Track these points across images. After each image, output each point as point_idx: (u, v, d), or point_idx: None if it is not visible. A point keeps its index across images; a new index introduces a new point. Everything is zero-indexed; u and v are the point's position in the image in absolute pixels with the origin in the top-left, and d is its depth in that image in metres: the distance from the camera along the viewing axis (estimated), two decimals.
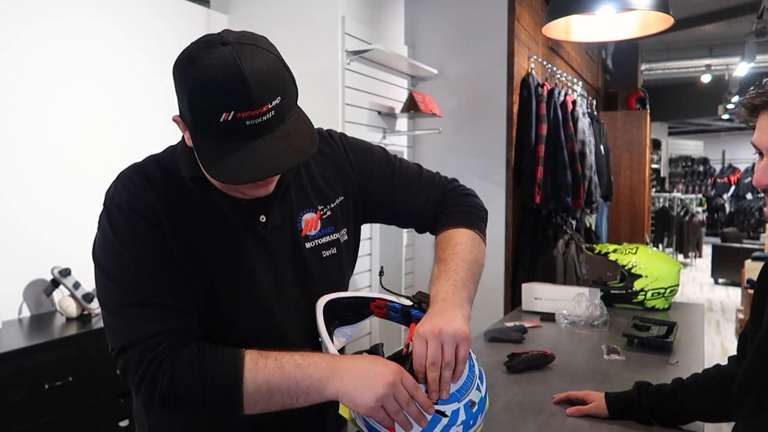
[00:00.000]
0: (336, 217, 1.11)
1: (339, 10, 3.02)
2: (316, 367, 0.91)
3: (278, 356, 0.91)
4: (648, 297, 2.48)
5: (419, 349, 0.92)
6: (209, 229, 0.98)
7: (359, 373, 0.89)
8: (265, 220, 1.02)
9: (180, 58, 0.89)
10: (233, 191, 0.98)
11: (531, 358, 1.76)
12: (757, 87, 1.00)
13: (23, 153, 2.37)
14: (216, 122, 0.85)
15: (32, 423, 1.94)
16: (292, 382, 0.89)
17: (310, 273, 1.07)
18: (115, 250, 0.95)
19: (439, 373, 0.91)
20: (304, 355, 0.92)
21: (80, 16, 2.57)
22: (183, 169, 0.98)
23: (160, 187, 0.97)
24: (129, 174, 0.99)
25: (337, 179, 1.13)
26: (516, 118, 3.62)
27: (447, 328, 0.92)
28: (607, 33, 2.51)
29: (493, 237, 3.62)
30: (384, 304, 1.10)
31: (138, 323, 0.91)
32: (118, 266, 0.94)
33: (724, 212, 15.11)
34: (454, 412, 0.92)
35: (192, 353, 0.91)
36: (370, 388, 0.87)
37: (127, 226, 0.94)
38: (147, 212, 0.95)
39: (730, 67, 8.88)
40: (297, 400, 0.90)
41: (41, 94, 2.43)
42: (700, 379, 1.34)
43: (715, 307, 7.36)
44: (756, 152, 1.02)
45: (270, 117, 0.86)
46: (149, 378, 0.89)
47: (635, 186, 5.87)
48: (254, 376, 0.89)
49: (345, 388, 0.89)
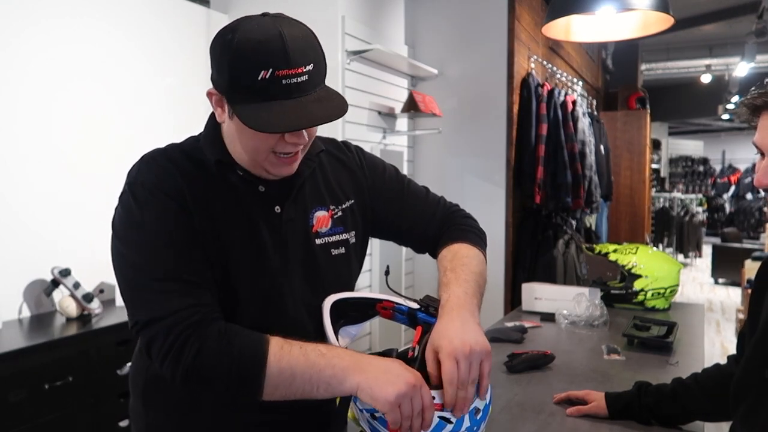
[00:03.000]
0: (346, 219, 1.14)
1: (339, 10, 3.02)
2: (340, 358, 0.91)
3: (303, 344, 0.92)
4: (648, 297, 2.48)
5: (450, 368, 0.89)
6: (229, 212, 1.01)
7: (383, 370, 0.90)
8: (279, 212, 1.05)
9: (220, 31, 0.94)
10: (258, 168, 1.01)
11: (531, 358, 1.76)
12: (758, 87, 1.00)
13: (23, 153, 2.37)
14: (255, 81, 0.90)
15: (32, 423, 1.93)
16: (315, 369, 0.89)
17: (319, 269, 1.09)
18: (141, 226, 0.96)
19: (466, 391, 0.90)
20: (328, 347, 0.94)
21: (80, 16, 2.57)
22: (208, 152, 1.02)
23: (184, 169, 1.00)
24: (154, 155, 1.02)
25: (349, 184, 1.18)
26: (516, 118, 3.62)
27: (476, 346, 0.91)
28: (607, 33, 2.51)
29: (493, 237, 3.62)
30: (391, 305, 1.10)
31: (166, 297, 0.92)
32: (143, 241, 0.95)
33: (724, 212, 15.11)
34: (458, 419, 0.91)
35: (220, 330, 0.91)
36: (393, 384, 0.87)
37: (153, 203, 0.96)
38: (172, 191, 0.97)
39: (730, 67, 8.88)
40: (318, 389, 0.90)
41: (41, 95, 2.43)
42: (700, 379, 1.34)
43: (715, 307, 7.36)
44: (757, 152, 1.02)
45: (305, 80, 0.92)
46: (176, 350, 0.89)
47: (635, 186, 5.87)
48: (278, 360, 0.89)
49: (367, 381, 0.89)
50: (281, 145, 0.98)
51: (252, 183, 1.04)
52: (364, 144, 3.29)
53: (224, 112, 0.99)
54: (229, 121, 0.99)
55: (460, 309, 0.99)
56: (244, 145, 0.99)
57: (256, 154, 0.99)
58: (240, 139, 0.98)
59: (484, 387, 0.93)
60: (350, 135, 3.11)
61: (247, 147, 0.99)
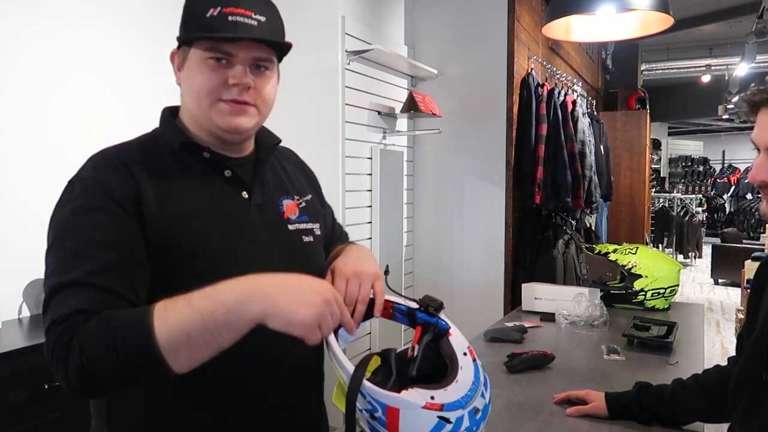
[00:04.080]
0: (309, 211, 1.14)
1: (339, 10, 3.01)
2: (230, 291, 0.82)
3: (189, 295, 0.82)
4: (648, 297, 2.48)
5: (340, 286, 1.00)
6: (197, 201, 0.98)
7: (289, 288, 0.83)
8: (247, 197, 1.03)
9: None
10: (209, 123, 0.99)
11: (531, 358, 1.76)
12: (758, 83, 1.00)
13: (23, 153, 2.37)
14: (204, 18, 0.94)
15: (32, 423, 1.93)
16: (205, 315, 0.79)
17: (296, 255, 1.07)
18: (65, 223, 0.90)
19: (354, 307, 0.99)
20: (214, 286, 0.83)
21: (80, 15, 2.57)
22: (170, 139, 1.01)
23: (142, 164, 0.96)
24: (105, 153, 0.99)
25: (305, 182, 1.20)
26: (516, 118, 3.62)
27: (366, 270, 1.03)
28: (607, 33, 2.51)
29: (493, 237, 3.63)
30: (390, 305, 1.10)
31: (60, 302, 0.84)
32: (63, 239, 0.89)
33: (724, 212, 15.11)
34: (458, 419, 0.91)
35: (99, 319, 0.81)
36: (307, 303, 0.82)
37: (84, 200, 0.91)
38: (116, 192, 0.92)
39: (730, 67, 8.87)
40: (219, 334, 0.80)
41: (41, 94, 2.43)
42: (700, 380, 1.34)
43: (715, 307, 7.36)
44: (754, 148, 1.02)
45: (253, 24, 0.95)
46: (62, 357, 0.81)
47: (635, 186, 5.87)
48: (164, 321, 0.79)
49: (274, 306, 0.81)
50: (226, 90, 0.97)
51: (218, 167, 1.02)
52: (364, 144, 3.30)
53: (179, 71, 1.01)
54: (182, 74, 1.00)
55: (358, 247, 1.16)
56: (192, 92, 0.98)
57: (202, 99, 0.98)
58: (189, 87, 0.99)
59: (379, 303, 1.03)
60: (350, 135, 3.11)
61: (194, 92, 0.98)
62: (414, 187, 3.86)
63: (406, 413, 0.90)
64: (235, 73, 0.96)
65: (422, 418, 0.90)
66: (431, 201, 3.82)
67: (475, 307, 3.56)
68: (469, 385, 0.95)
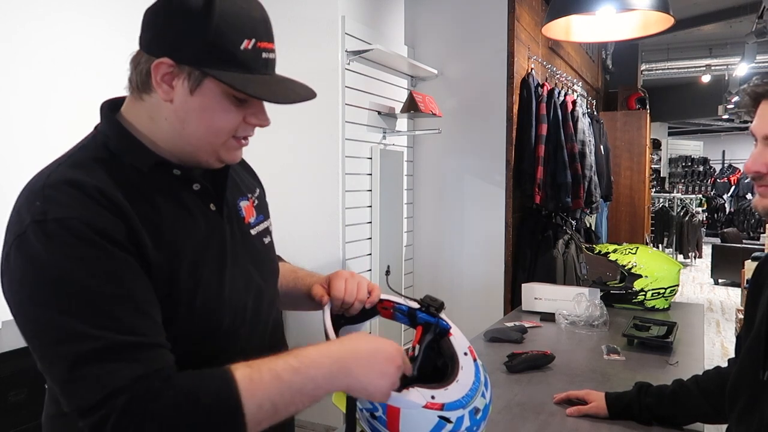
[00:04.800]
0: (261, 206, 1.11)
1: (339, 10, 3.01)
2: (317, 367, 0.83)
3: (271, 365, 0.81)
4: (648, 297, 2.48)
5: (339, 285, 1.06)
6: (179, 224, 0.89)
7: (368, 361, 0.86)
8: (215, 209, 0.96)
9: (180, 5, 0.84)
10: (207, 154, 0.91)
11: (531, 358, 1.76)
12: (762, 77, 1.00)
13: (23, 153, 2.37)
14: (237, 50, 0.83)
15: (32, 423, 1.93)
16: (294, 390, 0.81)
17: (263, 260, 1.04)
18: (68, 283, 0.76)
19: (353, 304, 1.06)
20: (297, 356, 0.83)
21: (80, 15, 2.57)
22: (136, 159, 0.88)
23: (118, 191, 0.83)
24: (71, 178, 0.82)
25: (250, 178, 1.14)
26: (516, 118, 3.62)
27: (361, 277, 1.10)
28: (607, 33, 2.51)
29: (493, 237, 3.63)
30: (391, 305, 1.10)
31: (106, 371, 0.74)
32: (73, 303, 0.75)
33: (724, 212, 15.11)
34: (458, 418, 0.91)
35: (177, 391, 0.76)
36: (384, 375, 0.87)
37: (78, 244, 0.77)
38: (110, 231, 0.79)
39: (730, 67, 8.88)
40: (303, 404, 0.83)
41: (41, 94, 2.43)
42: (700, 381, 1.34)
43: (715, 307, 7.36)
44: (753, 141, 1.02)
45: (273, 57, 0.90)
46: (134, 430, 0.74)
47: (635, 186, 5.87)
48: (252, 396, 0.78)
49: (357, 381, 0.85)
50: (243, 128, 0.90)
51: (187, 182, 0.92)
52: (364, 144, 3.30)
53: (174, 89, 0.86)
54: (187, 98, 0.85)
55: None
56: (206, 126, 0.87)
57: (217, 136, 0.88)
58: (201, 118, 0.86)
59: (376, 293, 1.10)
60: (350, 135, 3.11)
61: (209, 128, 0.87)
62: (414, 187, 3.86)
63: (406, 413, 0.90)
64: (260, 115, 0.91)
65: (423, 417, 0.90)
66: (431, 201, 3.82)
67: (475, 307, 3.56)
68: (469, 384, 0.95)
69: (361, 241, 3.25)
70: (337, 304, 1.07)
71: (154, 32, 0.87)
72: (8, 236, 0.81)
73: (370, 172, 3.33)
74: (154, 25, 0.87)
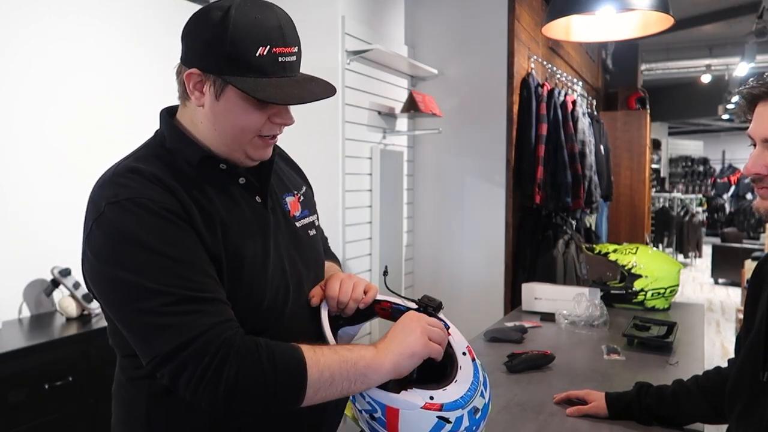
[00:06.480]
0: (307, 203, 1.18)
1: (339, 10, 3.01)
2: (365, 349, 0.95)
3: (330, 346, 0.96)
4: (648, 297, 2.48)
5: (334, 285, 1.09)
6: (226, 210, 0.99)
7: (400, 340, 0.96)
8: (260, 201, 1.05)
9: (204, 9, 0.95)
10: (237, 153, 1.00)
11: (531, 358, 1.76)
12: (757, 78, 0.99)
13: (23, 153, 2.37)
14: (252, 57, 0.92)
15: (32, 423, 1.93)
16: (349, 364, 0.92)
17: (306, 250, 1.12)
18: (146, 245, 0.88)
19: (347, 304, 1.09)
20: (346, 345, 0.99)
21: (80, 15, 2.57)
22: (186, 153, 1.00)
23: (173, 179, 0.95)
24: (134, 167, 0.95)
25: (296, 176, 1.22)
26: (516, 118, 3.62)
27: (358, 278, 1.12)
28: (607, 33, 2.51)
29: (493, 237, 3.63)
30: (389, 306, 1.10)
31: (189, 319, 0.86)
32: (152, 262, 0.88)
33: (724, 212, 15.11)
34: (457, 418, 0.92)
35: (257, 343, 0.89)
36: (415, 343, 0.95)
37: (151, 218, 0.90)
38: (173, 208, 0.92)
39: (730, 67, 8.87)
40: (355, 383, 0.92)
41: (41, 95, 2.43)
42: (700, 382, 1.34)
43: (715, 307, 7.36)
44: (751, 143, 1.02)
45: (293, 60, 0.97)
46: (214, 372, 0.85)
47: (635, 186, 5.87)
48: (316, 363, 0.90)
49: (400, 356, 0.94)
50: (268, 127, 0.99)
51: (233, 176, 1.03)
52: (364, 144, 3.30)
53: (204, 95, 0.97)
54: (214, 102, 0.96)
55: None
56: (231, 127, 0.97)
57: (243, 135, 0.98)
58: (227, 120, 0.97)
59: (371, 294, 1.10)
60: (350, 135, 3.11)
61: (234, 128, 0.97)
62: (414, 187, 3.86)
63: (405, 413, 0.90)
64: (283, 115, 1.00)
65: (421, 418, 0.90)
66: (431, 201, 3.82)
67: (475, 307, 3.56)
68: (468, 384, 0.95)
69: (361, 241, 3.25)
70: (332, 304, 1.09)
71: (187, 46, 0.99)
72: (87, 223, 0.93)
73: (370, 172, 3.33)
74: (187, 39, 0.99)
